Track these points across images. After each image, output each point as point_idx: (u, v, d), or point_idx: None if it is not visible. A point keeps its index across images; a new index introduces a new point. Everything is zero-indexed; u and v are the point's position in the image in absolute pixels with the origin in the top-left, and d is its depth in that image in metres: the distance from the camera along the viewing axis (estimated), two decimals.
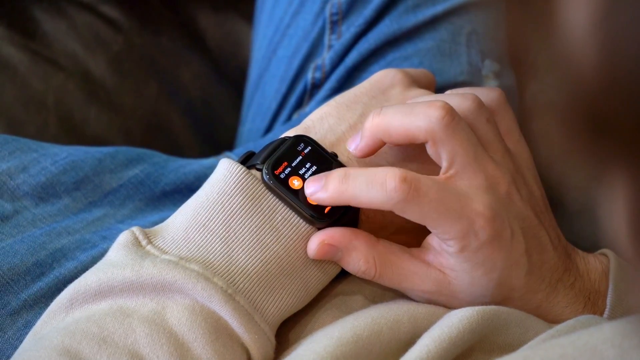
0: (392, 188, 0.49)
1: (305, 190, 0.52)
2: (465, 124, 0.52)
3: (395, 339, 0.50)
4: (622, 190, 0.29)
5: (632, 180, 0.29)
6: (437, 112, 0.51)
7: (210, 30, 1.04)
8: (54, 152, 0.68)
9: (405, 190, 0.49)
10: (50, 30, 0.97)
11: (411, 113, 0.52)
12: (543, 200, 0.56)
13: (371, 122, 0.53)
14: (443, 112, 0.51)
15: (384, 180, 0.50)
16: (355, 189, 0.50)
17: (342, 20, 0.79)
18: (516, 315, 0.52)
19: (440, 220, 0.50)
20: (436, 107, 0.51)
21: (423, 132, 0.51)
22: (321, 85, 0.80)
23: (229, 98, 1.02)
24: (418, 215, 0.50)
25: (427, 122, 0.51)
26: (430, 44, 0.77)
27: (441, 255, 0.52)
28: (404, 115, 0.52)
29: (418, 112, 0.51)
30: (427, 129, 0.51)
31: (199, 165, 0.72)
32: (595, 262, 0.56)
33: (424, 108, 0.51)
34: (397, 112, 0.52)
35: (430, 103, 0.52)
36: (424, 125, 0.51)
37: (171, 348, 0.48)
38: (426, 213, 0.50)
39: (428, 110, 0.51)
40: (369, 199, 0.50)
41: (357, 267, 0.52)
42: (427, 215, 0.50)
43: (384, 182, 0.49)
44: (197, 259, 0.50)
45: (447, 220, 0.50)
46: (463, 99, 0.54)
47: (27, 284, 0.60)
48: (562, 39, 0.29)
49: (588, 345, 0.43)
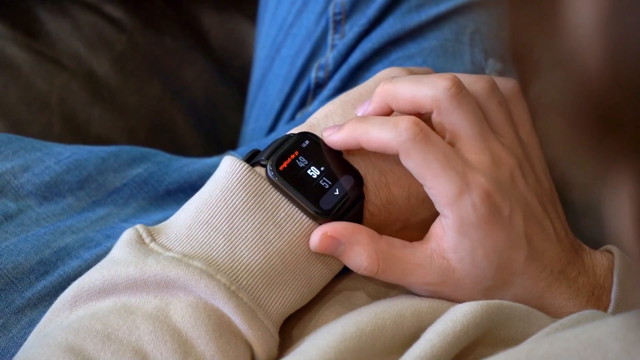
0: (404, 127, 0.51)
1: (324, 134, 0.54)
2: (472, 99, 0.53)
3: (398, 334, 0.50)
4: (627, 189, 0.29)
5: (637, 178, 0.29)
6: (445, 82, 0.52)
7: (214, 30, 1.04)
8: (58, 151, 0.68)
9: (416, 131, 0.51)
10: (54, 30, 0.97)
11: (420, 82, 0.53)
12: (552, 192, 0.56)
13: (381, 88, 0.54)
14: (450, 82, 0.52)
15: (397, 121, 0.51)
16: (368, 126, 0.52)
17: (346, 19, 0.79)
18: (520, 309, 0.52)
19: (441, 175, 0.51)
20: (444, 78, 0.52)
21: (429, 100, 0.52)
22: (324, 85, 0.80)
23: (232, 97, 1.02)
24: (421, 162, 0.51)
25: (434, 91, 0.52)
26: (433, 43, 0.77)
27: (442, 239, 0.52)
28: (413, 83, 0.53)
29: (427, 81, 0.53)
30: (433, 97, 0.52)
31: (202, 164, 0.72)
32: (601, 258, 0.56)
33: (433, 78, 0.53)
34: (407, 79, 0.53)
35: (440, 74, 0.53)
36: (430, 94, 0.52)
37: (175, 345, 0.48)
38: (429, 162, 0.51)
39: (436, 80, 0.53)
40: (380, 136, 0.52)
41: (360, 263, 0.52)
42: (429, 165, 0.51)
43: (397, 122, 0.51)
44: (200, 256, 0.50)
45: (447, 176, 0.51)
46: (477, 78, 0.55)
47: (31, 282, 0.60)
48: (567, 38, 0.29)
49: (592, 338, 0.43)
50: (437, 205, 0.52)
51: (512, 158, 0.53)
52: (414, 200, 0.54)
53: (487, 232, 0.51)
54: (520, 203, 0.53)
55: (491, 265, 0.52)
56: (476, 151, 0.52)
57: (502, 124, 0.55)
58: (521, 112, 0.57)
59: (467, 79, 0.55)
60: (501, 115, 0.55)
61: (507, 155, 0.53)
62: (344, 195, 0.53)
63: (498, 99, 0.55)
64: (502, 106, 0.55)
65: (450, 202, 0.51)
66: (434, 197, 0.52)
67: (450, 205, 0.51)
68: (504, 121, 0.55)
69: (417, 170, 0.51)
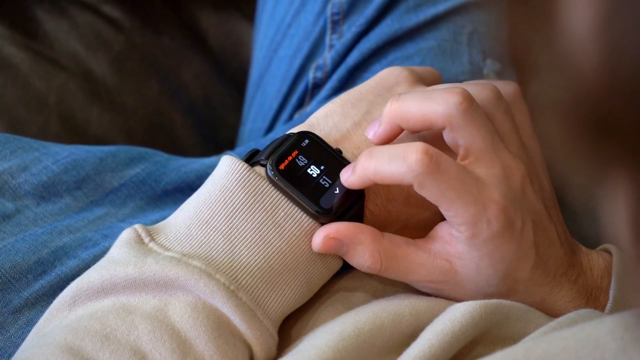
0: (414, 160, 0.49)
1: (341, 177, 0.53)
2: (482, 111, 0.52)
3: (397, 333, 0.50)
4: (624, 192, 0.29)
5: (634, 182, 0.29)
6: (456, 98, 0.51)
7: (212, 30, 1.04)
8: (56, 151, 0.68)
9: (426, 163, 0.49)
10: (52, 30, 0.97)
11: (429, 99, 0.52)
12: (552, 195, 0.56)
13: (389, 108, 0.53)
14: (461, 97, 0.51)
15: (406, 154, 0.50)
16: (378, 163, 0.51)
17: (343, 19, 0.79)
18: (518, 308, 0.52)
19: (456, 200, 0.50)
20: (454, 93, 0.51)
21: (441, 117, 0.51)
22: (322, 85, 0.80)
23: (230, 98, 1.02)
24: (436, 191, 0.50)
25: (446, 108, 0.51)
26: (431, 43, 0.77)
27: (449, 244, 0.52)
28: (422, 101, 0.52)
29: (436, 97, 0.52)
30: (445, 114, 0.51)
31: (200, 164, 0.72)
32: (598, 259, 0.57)
33: (442, 94, 0.52)
34: (415, 97, 0.52)
35: (448, 89, 0.52)
36: (442, 111, 0.51)
37: (174, 345, 0.48)
38: (444, 190, 0.50)
39: (446, 95, 0.51)
40: (391, 172, 0.50)
41: (363, 262, 0.52)
42: (444, 194, 0.50)
43: (406, 155, 0.50)
44: (199, 255, 0.50)
45: (463, 201, 0.50)
46: (482, 88, 0.55)
47: (29, 282, 0.60)
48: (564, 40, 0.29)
49: (590, 337, 0.43)
50: (452, 224, 0.52)
51: (521, 167, 0.53)
52: (413, 200, 0.54)
53: (497, 245, 0.51)
54: (530, 213, 0.53)
55: (497, 274, 0.52)
56: (487, 164, 0.52)
57: (509, 133, 0.54)
58: (522, 116, 0.57)
59: (472, 89, 0.54)
60: (507, 124, 0.54)
61: (516, 164, 0.53)
62: (344, 194, 0.53)
63: (504, 108, 0.55)
64: (507, 114, 0.55)
65: (467, 222, 0.51)
66: (449, 218, 0.51)
67: (467, 224, 0.51)
68: (510, 129, 0.54)
69: (433, 198, 0.51)
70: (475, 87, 0.55)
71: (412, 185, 0.50)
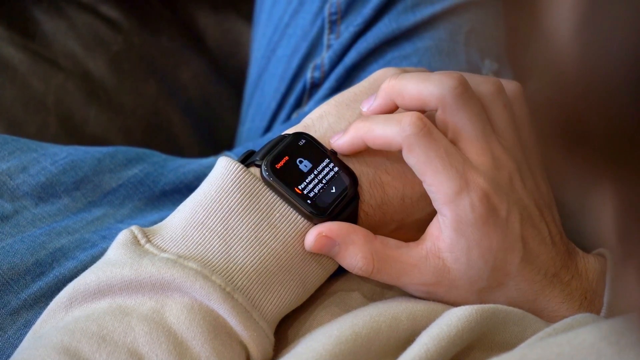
0: (408, 122, 0.51)
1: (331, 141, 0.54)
2: (477, 100, 0.53)
3: (394, 337, 0.50)
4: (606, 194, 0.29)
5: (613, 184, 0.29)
6: (451, 81, 0.52)
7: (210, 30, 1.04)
8: (54, 152, 0.68)
9: (419, 126, 0.51)
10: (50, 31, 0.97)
11: (426, 79, 0.53)
12: (548, 197, 0.56)
13: (387, 84, 0.54)
14: (457, 82, 0.52)
15: (401, 117, 0.52)
16: (372, 123, 0.52)
17: (341, 19, 0.79)
18: (514, 313, 0.52)
19: (442, 171, 0.51)
20: (451, 77, 0.53)
21: (435, 98, 0.52)
22: (320, 85, 0.80)
23: (228, 98, 1.02)
24: (423, 158, 0.51)
25: (440, 89, 0.52)
26: (429, 43, 0.77)
27: (439, 239, 0.52)
28: (420, 80, 0.53)
29: (433, 79, 0.53)
30: (439, 95, 0.52)
31: (198, 164, 0.72)
32: (594, 263, 0.57)
33: (440, 76, 0.53)
34: (414, 77, 0.54)
35: (447, 73, 0.53)
36: (436, 92, 0.52)
37: (170, 346, 0.48)
38: (431, 158, 0.51)
39: (443, 78, 0.53)
40: (383, 133, 0.52)
41: (354, 263, 0.52)
42: (431, 161, 0.51)
43: (401, 118, 0.52)
44: (195, 257, 0.50)
45: (447, 173, 0.51)
46: (485, 80, 0.55)
47: (27, 283, 0.60)
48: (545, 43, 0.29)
49: (585, 343, 0.43)
50: (436, 203, 0.52)
51: (512, 161, 0.53)
52: (408, 200, 0.55)
53: (484, 233, 0.51)
54: (517, 206, 0.53)
55: (486, 265, 0.52)
56: (477, 152, 0.52)
57: (506, 127, 0.55)
58: (522, 115, 0.57)
59: (475, 79, 0.55)
60: (505, 118, 0.55)
61: (507, 158, 0.53)
62: (338, 195, 0.53)
63: (503, 102, 0.55)
64: (506, 109, 0.55)
65: (449, 200, 0.51)
66: (432, 194, 0.52)
67: (449, 204, 0.51)
68: (507, 124, 0.55)
69: (419, 165, 0.51)
70: (479, 78, 0.55)
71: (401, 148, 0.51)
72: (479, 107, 0.53)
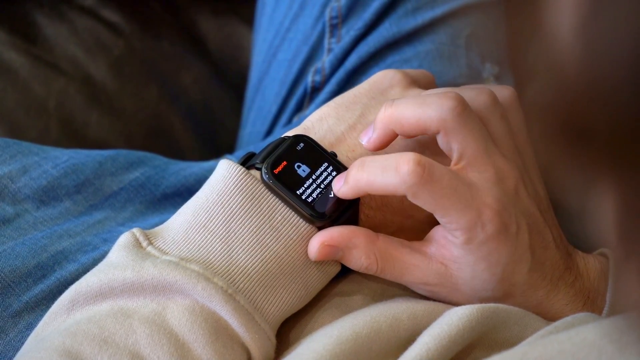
0: (406, 171, 0.49)
1: (333, 187, 0.53)
2: (476, 116, 0.53)
3: (394, 337, 0.50)
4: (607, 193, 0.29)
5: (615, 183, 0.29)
6: (449, 102, 0.51)
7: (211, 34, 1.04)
8: (55, 155, 0.68)
9: (419, 173, 0.49)
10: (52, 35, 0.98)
11: (423, 104, 0.52)
12: (546, 199, 0.56)
13: (383, 114, 0.53)
14: (455, 102, 0.51)
15: (398, 164, 0.50)
16: (371, 174, 0.51)
17: (342, 23, 0.80)
18: (515, 312, 0.52)
19: (451, 208, 0.50)
20: (448, 98, 0.51)
21: (435, 122, 0.51)
22: (321, 89, 0.80)
23: (229, 101, 1.03)
24: (430, 201, 0.50)
25: (439, 112, 0.51)
26: (429, 46, 0.77)
27: (445, 247, 0.52)
28: (417, 105, 0.52)
29: (430, 102, 0.52)
30: (439, 118, 0.51)
31: (199, 168, 0.72)
32: (594, 262, 0.57)
33: (436, 98, 0.52)
34: (410, 103, 0.52)
35: (442, 94, 0.52)
36: (436, 115, 0.51)
37: (172, 348, 0.48)
38: (438, 199, 0.50)
39: (440, 100, 0.52)
40: (384, 183, 0.50)
41: (360, 264, 0.53)
42: (438, 202, 0.50)
43: (398, 166, 0.50)
44: (197, 259, 0.50)
45: (457, 208, 0.50)
46: (479, 92, 0.55)
47: (28, 286, 0.60)
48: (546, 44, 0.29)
49: (586, 340, 0.43)
50: (448, 230, 0.52)
51: (515, 170, 0.53)
52: (408, 202, 0.55)
53: (493, 249, 0.51)
54: (524, 216, 0.53)
55: (493, 278, 0.52)
56: (480, 168, 0.52)
57: (504, 137, 0.54)
58: (517, 121, 0.57)
59: (468, 93, 0.54)
60: (503, 129, 0.55)
61: (510, 168, 0.53)
62: (339, 198, 0.53)
63: (500, 113, 0.55)
64: (503, 119, 0.55)
65: (461, 227, 0.51)
66: (444, 224, 0.51)
67: (461, 229, 0.51)
68: (505, 134, 0.55)
69: (427, 206, 0.51)
70: (472, 91, 0.55)
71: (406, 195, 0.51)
72: (478, 124, 0.52)
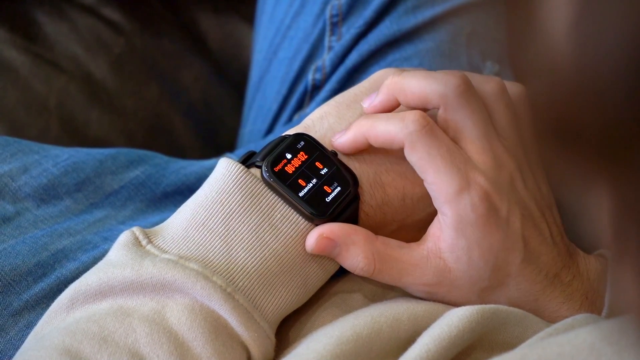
0: (411, 119, 0.52)
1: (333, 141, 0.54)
2: (479, 99, 0.53)
3: (395, 338, 0.50)
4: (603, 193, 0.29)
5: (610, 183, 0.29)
6: (455, 80, 0.52)
7: (212, 33, 1.04)
8: (56, 153, 0.68)
9: (422, 123, 0.51)
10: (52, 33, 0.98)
11: (430, 77, 0.53)
12: (549, 197, 0.56)
13: (390, 80, 0.54)
14: (460, 81, 0.53)
15: (403, 115, 0.52)
16: (375, 121, 0.53)
17: (342, 21, 0.80)
18: (515, 314, 0.52)
19: (443, 170, 0.51)
20: (454, 76, 0.53)
21: (437, 96, 0.52)
22: (322, 87, 0.80)
23: (230, 100, 1.03)
24: (425, 155, 0.51)
25: (443, 87, 0.52)
26: (430, 44, 0.77)
27: (440, 239, 0.52)
28: (423, 78, 0.53)
29: (436, 77, 0.53)
30: (441, 93, 0.52)
31: (199, 166, 0.72)
32: (595, 263, 0.57)
33: (443, 74, 0.53)
34: (417, 74, 0.54)
35: (450, 72, 0.53)
36: (439, 89, 0.52)
37: (171, 347, 0.48)
38: (433, 156, 0.51)
39: (446, 76, 0.53)
40: (386, 129, 0.52)
41: (356, 264, 0.52)
42: (432, 159, 0.51)
43: (404, 115, 0.52)
44: (196, 257, 0.50)
45: (448, 172, 0.51)
46: (487, 79, 0.56)
47: (29, 284, 0.60)
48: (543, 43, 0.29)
49: (585, 343, 0.43)
50: (436, 202, 0.52)
51: (513, 161, 0.54)
52: (408, 201, 0.55)
53: (484, 232, 0.52)
54: (518, 205, 0.53)
55: (487, 265, 0.52)
56: (478, 151, 0.53)
57: (507, 127, 0.55)
58: (525, 117, 0.57)
59: (478, 78, 0.55)
60: (507, 118, 0.55)
61: (508, 157, 0.53)
62: (338, 196, 0.53)
63: (506, 102, 0.55)
64: (508, 109, 0.55)
65: (450, 198, 0.51)
66: (433, 192, 0.52)
67: (450, 202, 0.51)
68: (509, 124, 0.55)
69: (420, 163, 0.52)
70: (482, 77, 0.56)
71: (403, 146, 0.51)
72: (481, 106, 0.53)
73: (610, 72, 0.27)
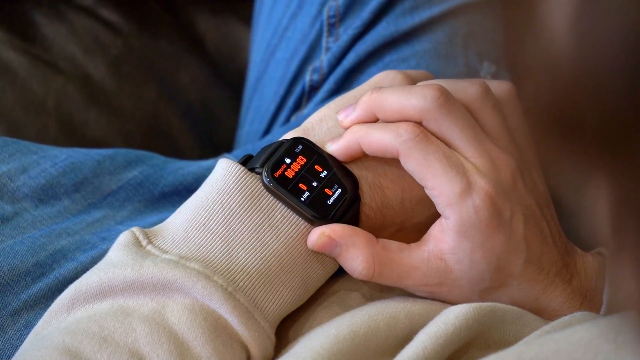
0: (404, 128, 0.52)
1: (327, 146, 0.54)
2: (461, 105, 0.53)
3: (392, 336, 0.50)
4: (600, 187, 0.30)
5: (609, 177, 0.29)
6: (432, 92, 0.52)
7: (209, 34, 1.04)
8: (54, 154, 0.68)
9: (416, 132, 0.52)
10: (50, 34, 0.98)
11: (408, 92, 0.53)
12: (546, 196, 0.56)
13: (369, 97, 0.54)
14: (438, 92, 0.52)
15: (397, 124, 0.52)
16: (369, 129, 0.53)
17: (340, 22, 0.80)
18: (512, 311, 0.52)
19: (442, 174, 0.51)
20: (432, 88, 0.52)
21: (417, 110, 0.52)
22: (319, 88, 0.80)
23: (227, 100, 1.03)
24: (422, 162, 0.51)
25: (422, 101, 0.52)
26: (427, 46, 0.77)
27: (441, 240, 0.52)
28: (401, 93, 0.53)
29: (415, 91, 0.53)
30: (421, 107, 0.52)
31: (197, 167, 0.72)
32: (593, 261, 0.57)
33: (420, 88, 0.53)
34: (395, 90, 0.53)
35: (427, 85, 0.53)
36: (418, 104, 0.52)
37: (171, 347, 0.48)
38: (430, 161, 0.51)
39: (424, 90, 0.52)
40: (381, 137, 0.52)
41: (355, 266, 0.52)
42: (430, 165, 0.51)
43: (397, 125, 0.52)
44: (197, 257, 0.50)
45: (448, 175, 0.51)
46: (470, 83, 0.55)
47: (27, 284, 0.60)
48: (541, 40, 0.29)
49: (583, 340, 0.43)
50: (439, 206, 0.52)
51: (511, 160, 0.53)
52: (408, 203, 0.55)
53: (487, 235, 0.51)
54: (520, 206, 0.53)
55: (489, 267, 0.52)
56: (473, 155, 0.52)
57: (497, 128, 0.55)
58: (516, 116, 0.57)
59: (460, 84, 0.55)
60: (495, 119, 0.55)
61: (505, 157, 0.53)
62: (339, 198, 0.53)
63: (492, 103, 0.55)
64: (496, 110, 0.55)
65: (452, 202, 0.51)
66: (435, 197, 0.52)
67: (452, 206, 0.51)
68: (498, 125, 0.55)
69: (418, 170, 0.51)
70: (464, 82, 0.55)
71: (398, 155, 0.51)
72: (464, 113, 0.53)
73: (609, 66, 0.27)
